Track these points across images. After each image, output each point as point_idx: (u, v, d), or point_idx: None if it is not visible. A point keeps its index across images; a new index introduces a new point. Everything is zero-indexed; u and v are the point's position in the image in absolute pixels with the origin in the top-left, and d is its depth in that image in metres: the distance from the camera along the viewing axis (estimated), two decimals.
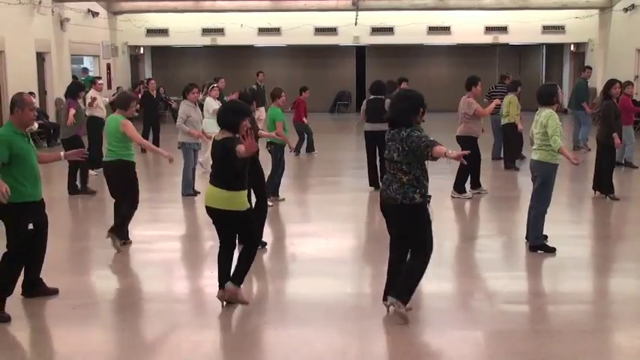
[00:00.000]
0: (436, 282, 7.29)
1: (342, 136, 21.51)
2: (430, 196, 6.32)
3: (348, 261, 8.44)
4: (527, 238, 8.76)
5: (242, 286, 6.75)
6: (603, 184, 11.60)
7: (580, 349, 5.79)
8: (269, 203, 9.91)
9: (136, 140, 9.00)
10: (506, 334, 6.12)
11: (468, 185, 11.84)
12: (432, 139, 6.04)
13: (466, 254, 8.84)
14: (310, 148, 17.31)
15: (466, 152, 6.13)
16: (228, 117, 6.57)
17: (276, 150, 11.45)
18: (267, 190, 10.33)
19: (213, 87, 14.44)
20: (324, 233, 9.75)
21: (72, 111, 12.27)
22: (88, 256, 8.91)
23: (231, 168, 6.48)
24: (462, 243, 9.31)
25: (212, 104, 13.72)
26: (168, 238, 9.68)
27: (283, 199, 11.64)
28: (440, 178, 11.40)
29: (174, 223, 10.54)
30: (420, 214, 6.24)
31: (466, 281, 7.75)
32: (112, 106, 9.90)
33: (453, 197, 11.63)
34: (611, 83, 11.84)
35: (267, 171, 10.01)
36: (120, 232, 8.82)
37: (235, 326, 6.52)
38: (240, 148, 6.31)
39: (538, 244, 8.55)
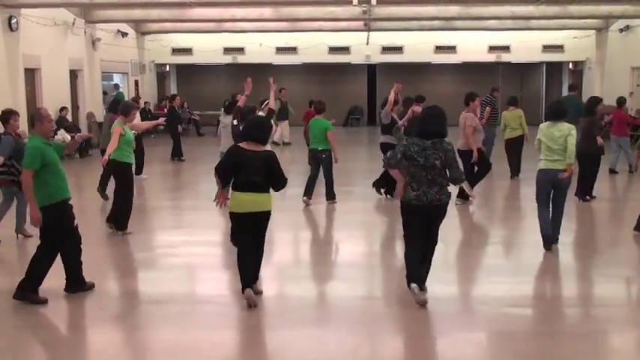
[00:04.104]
0: (442, 286, 7.26)
1: (355, 148, 21.48)
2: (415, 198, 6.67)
3: (359, 266, 8.43)
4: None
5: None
6: (585, 190, 11.89)
7: (578, 351, 5.74)
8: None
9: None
10: (509, 335, 6.09)
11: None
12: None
13: (470, 260, 8.79)
14: None
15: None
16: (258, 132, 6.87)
17: (329, 157, 11.82)
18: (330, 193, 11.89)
19: (267, 103, 14.84)
20: (338, 240, 9.73)
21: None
22: (113, 259, 8.94)
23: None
24: (466, 249, 9.28)
25: None
26: (191, 243, 9.70)
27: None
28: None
29: (196, 229, 10.56)
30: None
31: (470, 286, 7.73)
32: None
33: (457, 204, 11.60)
34: (597, 102, 12.10)
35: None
36: (116, 222, 9.70)
37: (253, 326, 6.50)
38: None
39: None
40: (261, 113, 14.72)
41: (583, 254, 8.99)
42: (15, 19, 16.97)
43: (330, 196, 11.95)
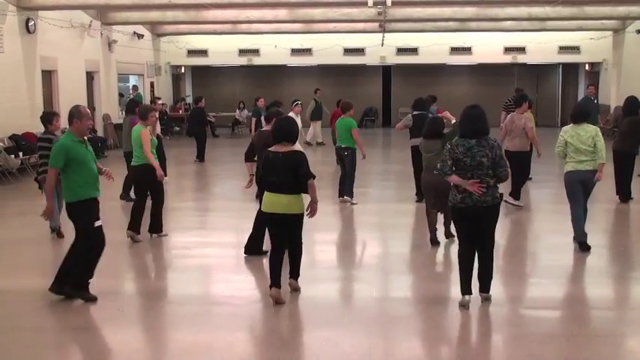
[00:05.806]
0: (458, 288, 7.22)
1: (369, 149, 21.43)
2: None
3: (374, 267, 8.42)
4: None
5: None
6: (623, 190, 11.85)
7: (594, 353, 5.70)
8: (353, 201, 11.92)
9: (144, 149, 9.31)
10: (524, 337, 6.05)
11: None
12: None
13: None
14: None
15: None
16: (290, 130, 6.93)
17: (352, 155, 12.06)
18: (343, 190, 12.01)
19: (297, 104, 15.02)
20: (353, 241, 9.71)
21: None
22: (129, 260, 8.98)
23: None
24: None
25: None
26: (206, 244, 9.72)
27: (356, 203, 12.04)
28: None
29: (213, 231, 10.58)
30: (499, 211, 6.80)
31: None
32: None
33: (507, 202, 11.26)
34: (637, 101, 11.94)
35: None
36: (137, 227, 9.41)
37: (267, 328, 6.52)
38: None
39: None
40: (291, 114, 14.95)
41: (606, 256, 8.90)
42: (32, 22, 17.10)
43: (348, 192, 12.03)
